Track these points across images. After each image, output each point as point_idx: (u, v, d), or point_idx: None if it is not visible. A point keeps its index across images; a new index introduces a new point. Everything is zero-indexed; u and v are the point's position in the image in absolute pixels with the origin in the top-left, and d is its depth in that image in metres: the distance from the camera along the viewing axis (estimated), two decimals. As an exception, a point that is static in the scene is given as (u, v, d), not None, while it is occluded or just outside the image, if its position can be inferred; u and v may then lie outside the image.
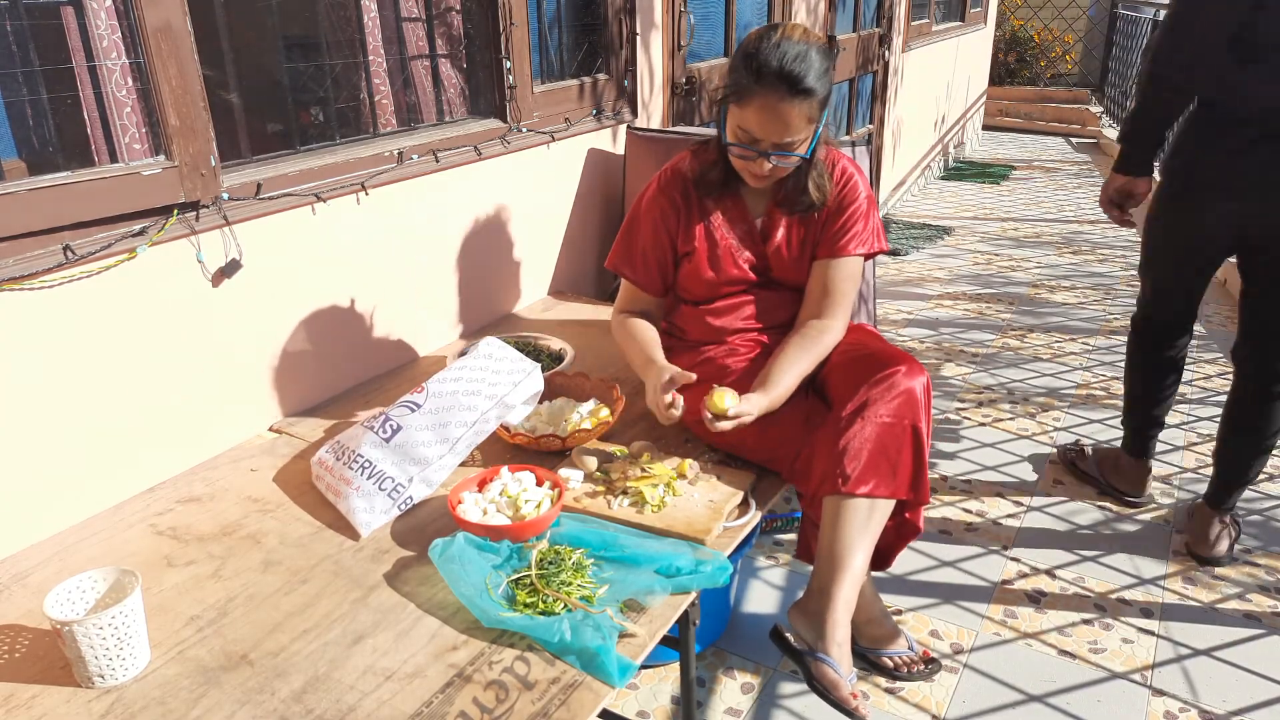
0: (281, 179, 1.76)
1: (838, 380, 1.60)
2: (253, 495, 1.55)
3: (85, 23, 1.46)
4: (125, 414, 1.55)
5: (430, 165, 2.08)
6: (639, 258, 1.75)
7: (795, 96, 1.48)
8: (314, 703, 1.09)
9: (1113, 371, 3.47)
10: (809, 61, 1.48)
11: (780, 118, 1.50)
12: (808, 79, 1.48)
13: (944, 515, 2.54)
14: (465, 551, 1.29)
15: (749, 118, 1.53)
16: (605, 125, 2.70)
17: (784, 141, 1.53)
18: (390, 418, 1.51)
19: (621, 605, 1.25)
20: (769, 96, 1.49)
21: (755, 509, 1.51)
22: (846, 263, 1.68)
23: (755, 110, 1.51)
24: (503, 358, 1.60)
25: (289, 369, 1.83)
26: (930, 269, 4.78)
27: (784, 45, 1.48)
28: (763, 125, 1.52)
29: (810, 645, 1.51)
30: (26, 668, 1.16)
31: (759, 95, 1.50)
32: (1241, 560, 2.32)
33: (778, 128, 1.52)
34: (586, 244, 2.73)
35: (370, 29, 2.06)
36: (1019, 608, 2.16)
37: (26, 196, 1.36)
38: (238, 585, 1.31)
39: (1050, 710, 1.86)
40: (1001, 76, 9.48)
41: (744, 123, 1.54)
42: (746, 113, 1.53)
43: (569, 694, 1.10)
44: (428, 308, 2.17)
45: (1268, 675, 1.94)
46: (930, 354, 3.66)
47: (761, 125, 1.52)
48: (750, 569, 2.31)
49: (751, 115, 1.52)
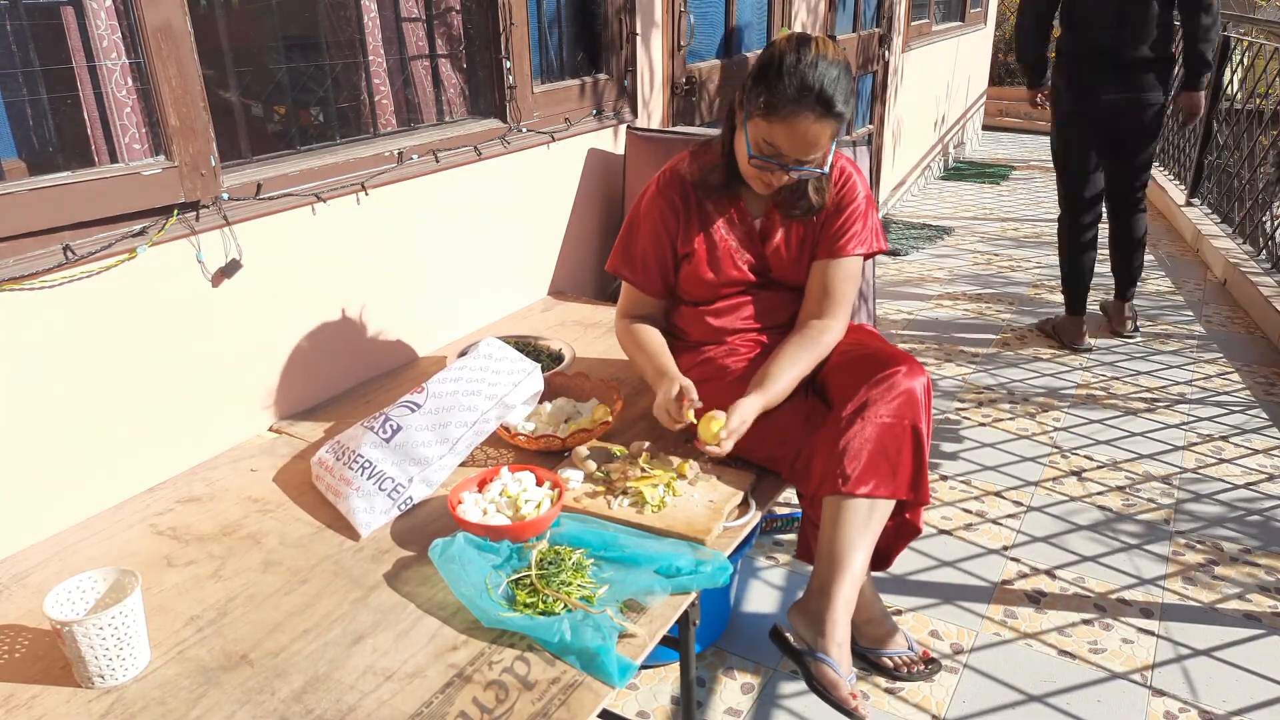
0: (281, 179, 1.76)
1: (838, 380, 1.60)
2: (253, 495, 1.55)
3: (85, 23, 1.46)
4: (125, 414, 1.55)
5: (430, 165, 2.08)
6: (639, 260, 1.75)
7: (828, 118, 1.48)
8: (314, 703, 1.09)
9: (1113, 372, 3.47)
10: (843, 84, 1.49)
11: (812, 137, 1.50)
12: (839, 102, 1.48)
13: (944, 515, 2.54)
14: (465, 551, 1.29)
15: (779, 133, 1.51)
16: (605, 125, 2.70)
17: (808, 158, 1.54)
18: (390, 418, 1.51)
19: (621, 605, 1.25)
20: (805, 116, 1.48)
21: (755, 509, 1.51)
22: (846, 263, 1.68)
23: (787, 127, 1.49)
24: (503, 358, 1.60)
25: (289, 369, 1.83)
26: (930, 269, 4.78)
27: (822, 66, 1.47)
28: (792, 142, 1.51)
29: (810, 645, 1.51)
30: (26, 668, 1.16)
31: (794, 114, 1.48)
32: (1241, 560, 2.32)
33: (806, 145, 1.51)
34: (586, 244, 2.72)
35: (370, 29, 2.06)
36: (1019, 608, 2.16)
37: (26, 196, 1.36)
38: (238, 585, 1.31)
39: (1050, 710, 1.86)
40: (1001, 76, 9.47)
41: (772, 137, 1.52)
42: (776, 128, 1.50)
43: (569, 694, 1.10)
44: (428, 308, 2.17)
45: (1268, 675, 1.94)
46: (930, 354, 3.67)
47: (790, 142, 1.51)
48: (750, 569, 2.31)
49: (782, 131, 1.50)
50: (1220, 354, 3.62)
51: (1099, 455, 2.85)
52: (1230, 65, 5.16)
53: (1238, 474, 2.73)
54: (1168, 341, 3.76)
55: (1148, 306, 4.16)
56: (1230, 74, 5.16)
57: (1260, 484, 2.67)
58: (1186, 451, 2.87)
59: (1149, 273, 4.63)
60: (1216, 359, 3.58)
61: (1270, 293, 3.91)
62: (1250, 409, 3.15)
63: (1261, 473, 2.73)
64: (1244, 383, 3.36)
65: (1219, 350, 3.66)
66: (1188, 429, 3.01)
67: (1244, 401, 3.21)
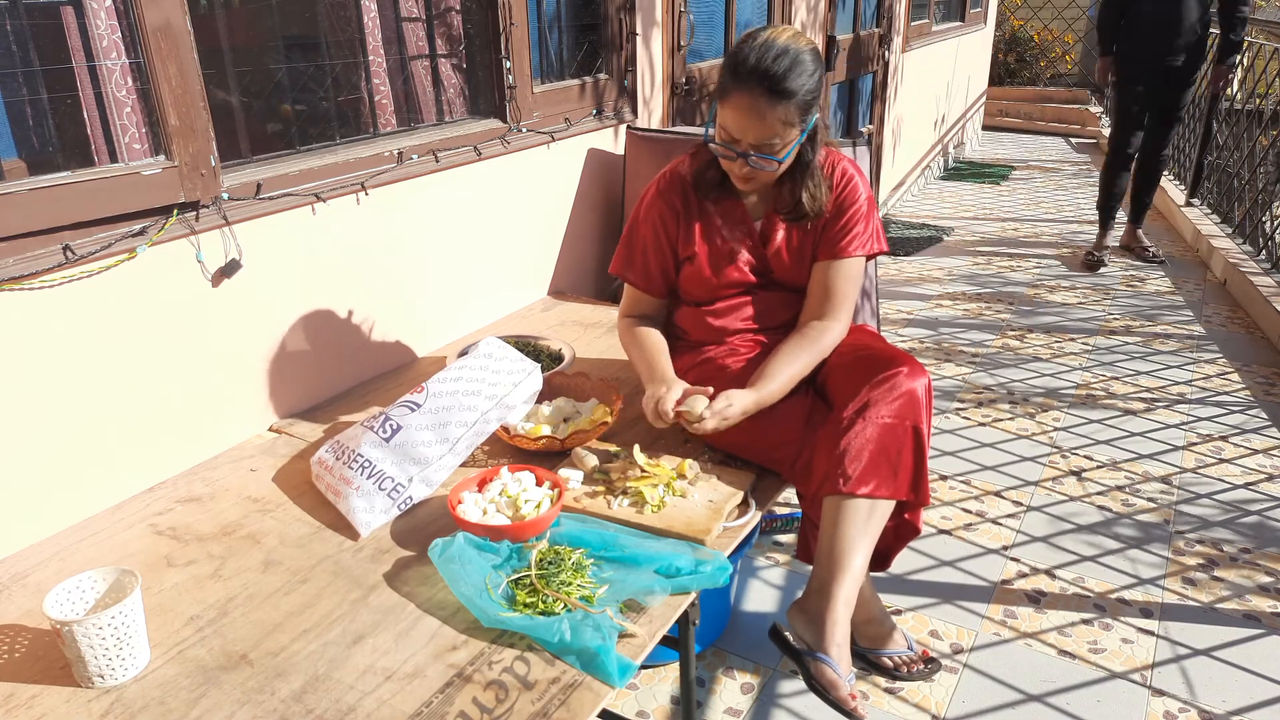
0: (281, 179, 1.76)
1: (839, 381, 1.60)
2: (252, 495, 1.55)
3: (85, 23, 1.46)
4: (125, 414, 1.55)
5: (430, 165, 2.08)
6: (640, 263, 1.75)
7: (773, 96, 1.48)
8: (314, 703, 1.09)
9: (1112, 372, 3.47)
10: (790, 62, 1.47)
11: (757, 117, 1.49)
12: (787, 80, 1.47)
13: (943, 515, 2.54)
14: (465, 551, 1.29)
15: (729, 116, 1.52)
16: (605, 125, 2.70)
17: (762, 143, 1.52)
18: (390, 417, 1.51)
19: (621, 605, 1.25)
20: (746, 95, 1.48)
21: (755, 509, 1.51)
22: (847, 264, 1.68)
23: (733, 108, 1.51)
24: (503, 358, 1.60)
25: (289, 369, 1.83)
26: (930, 269, 4.78)
27: (767, 44, 1.48)
28: (740, 124, 1.51)
29: (810, 645, 1.51)
30: (26, 668, 1.16)
31: (736, 93, 1.49)
32: (1241, 560, 2.33)
33: (754, 128, 1.50)
34: (586, 244, 2.73)
35: (370, 29, 2.06)
36: (1019, 608, 2.16)
37: (26, 196, 1.36)
38: (237, 585, 1.31)
39: (1050, 710, 1.86)
40: (1001, 77, 9.47)
41: (724, 121, 1.54)
42: (727, 111, 1.52)
43: (569, 694, 1.10)
44: (427, 307, 2.17)
45: (1267, 675, 1.95)
46: (930, 354, 3.67)
47: (739, 124, 1.51)
48: (750, 569, 2.31)
49: (730, 113, 1.52)
50: (1220, 354, 3.62)
51: (1098, 455, 2.85)
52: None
53: (1237, 474, 2.73)
54: (1167, 341, 3.76)
55: (1147, 306, 4.17)
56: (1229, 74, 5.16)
57: (1260, 484, 2.67)
58: (1186, 451, 2.87)
59: (1148, 272, 4.64)
60: (1216, 359, 3.58)
61: (1270, 292, 3.91)
62: (1250, 409, 3.15)
63: (1261, 473, 2.73)
64: (1243, 383, 3.36)
65: (1218, 350, 3.66)
66: (1187, 429, 3.01)
67: (1243, 401, 3.21)
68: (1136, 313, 4.10)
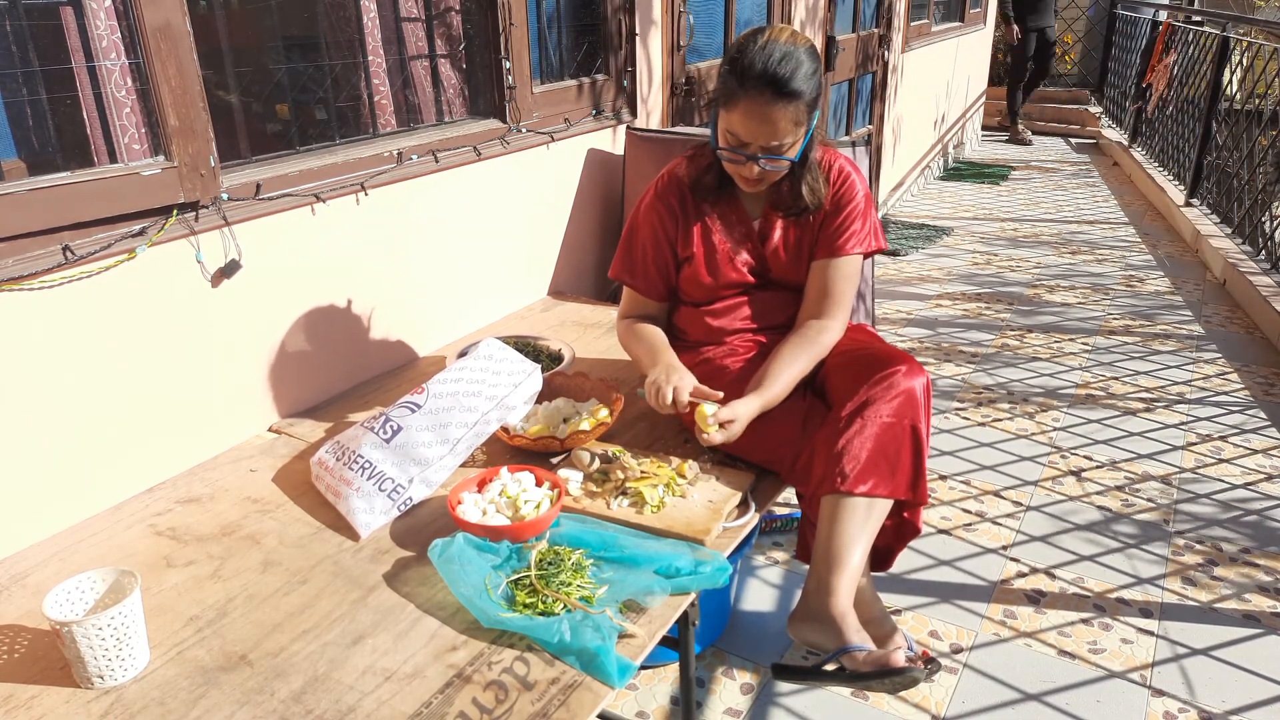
0: (281, 179, 1.76)
1: (837, 380, 1.60)
2: (252, 495, 1.55)
3: (85, 23, 1.46)
4: (125, 414, 1.55)
5: (430, 165, 2.08)
6: (640, 265, 1.75)
7: (781, 99, 1.48)
8: (313, 703, 1.09)
9: (1111, 372, 3.47)
10: (795, 63, 1.48)
11: (767, 121, 1.50)
12: (794, 81, 1.48)
13: (943, 515, 2.54)
14: (465, 552, 1.29)
15: (736, 121, 1.52)
16: (605, 125, 2.70)
17: (772, 145, 1.53)
18: (390, 418, 1.51)
19: (621, 606, 1.25)
20: (755, 99, 1.49)
21: (754, 509, 1.51)
22: (845, 262, 1.68)
23: (741, 113, 1.51)
24: (503, 359, 1.60)
25: (288, 369, 1.83)
26: (929, 269, 4.78)
27: (770, 47, 1.48)
28: (749, 128, 1.52)
29: (829, 648, 1.46)
30: (26, 668, 1.16)
31: (744, 98, 1.50)
32: (1240, 560, 2.33)
33: (764, 131, 1.51)
34: (586, 244, 2.73)
35: (370, 29, 2.06)
36: (1018, 607, 2.16)
37: (26, 196, 1.36)
38: (237, 586, 1.31)
39: (1049, 710, 1.86)
40: (1001, 76, 9.45)
41: (731, 126, 1.54)
42: (733, 116, 1.52)
43: (568, 694, 1.10)
44: (427, 308, 2.17)
45: (1266, 675, 1.95)
46: (929, 354, 3.67)
47: (748, 128, 1.52)
48: (749, 569, 2.31)
49: (738, 119, 1.52)
50: (1219, 354, 3.63)
51: (1098, 455, 2.86)
52: (1230, 65, 5.17)
53: (1236, 474, 2.73)
54: (1167, 341, 3.77)
55: (1146, 306, 4.17)
56: (1230, 74, 5.16)
57: (1259, 484, 2.67)
58: (1185, 451, 2.87)
59: (1148, 272, 4.65)
60: (1215, 359, 3.58)
61: (1269, 292, 3.91)
62: (1249, 409, 3.15)
63: (1260, 472, 2.74)
64: (1243, 383, 3.37)
65: (1218, 350, 3.66)
66: (1186, 429, 3.01)
67: (1243, 401, 3.21)
68: (1136, 313, 4.11)
